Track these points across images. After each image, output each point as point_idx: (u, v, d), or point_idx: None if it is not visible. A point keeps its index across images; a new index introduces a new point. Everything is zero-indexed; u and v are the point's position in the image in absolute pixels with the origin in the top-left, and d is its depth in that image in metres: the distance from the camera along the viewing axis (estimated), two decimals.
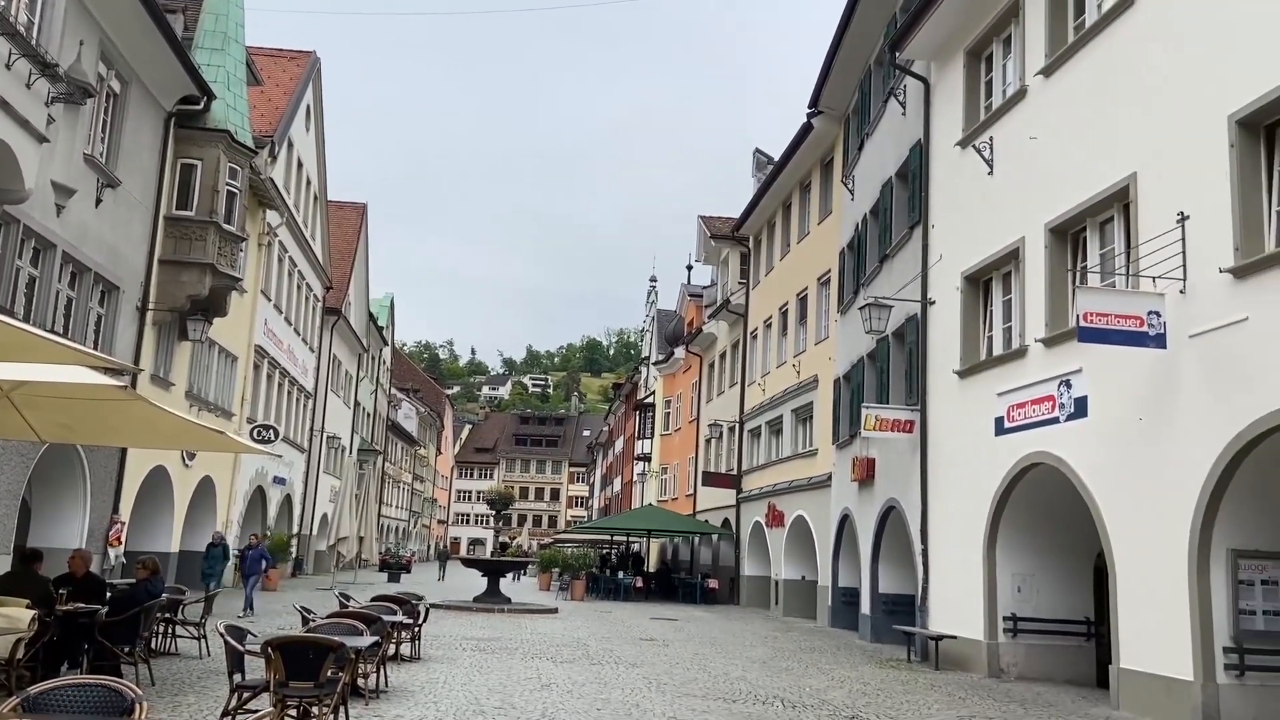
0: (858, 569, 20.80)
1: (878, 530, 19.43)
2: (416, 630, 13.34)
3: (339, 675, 7.83)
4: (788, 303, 29.17)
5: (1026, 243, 14.02)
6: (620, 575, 34.36)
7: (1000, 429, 14.36)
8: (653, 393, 50.77)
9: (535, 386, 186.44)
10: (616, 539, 44.24)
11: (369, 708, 9.49)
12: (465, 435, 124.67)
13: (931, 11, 16.45)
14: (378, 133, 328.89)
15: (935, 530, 16.47)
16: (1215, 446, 10.12)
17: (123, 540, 19.49)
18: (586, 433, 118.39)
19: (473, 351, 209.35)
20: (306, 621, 10.84)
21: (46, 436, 9.57)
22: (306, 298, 34.97)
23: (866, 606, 19.97)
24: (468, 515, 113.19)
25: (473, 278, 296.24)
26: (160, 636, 12.69)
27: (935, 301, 16.97)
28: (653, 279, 58.22)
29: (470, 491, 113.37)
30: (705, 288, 43.20)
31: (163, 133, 20.00)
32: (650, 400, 50.98)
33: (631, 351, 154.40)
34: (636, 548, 44.73)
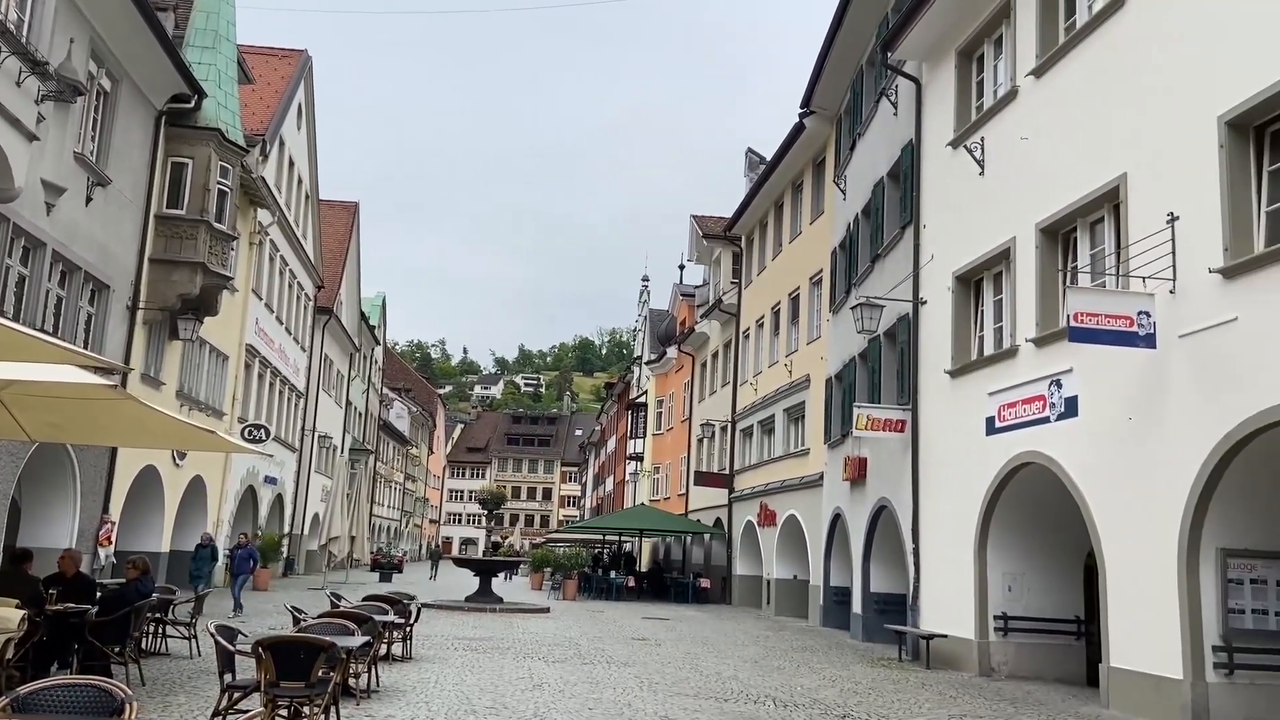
0: (849, 568, 20.84)
1: (869, 530, 19.47)
2: (408, 630, 13.33)
3: (330, 675, 7.82)
4: (780, 302, 29.21)
5: (1017, 243, 14.07)
6: (612, 575, 34.34)
7: (991, 429, 14.41)
8: (645, 392, 50.78)
9: (527, 386, 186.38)
10: (609, 538, 44.24)
11: (360, 707, 9.48)
12: (457, 435, 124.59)
13: (923, 12, 16.50)
14: (369, 131, 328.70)
15: (926, 530, 16.51)
16: (1205, 446, 10.17)
17: (113, 540, 19.42)
18: (579, 432, 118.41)
19: (465, 351, 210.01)
20: (297, 621, 10.82)
21: (36, 436, 9.54)
22: (298, 297, 34.90)
23: (858, 606, 20.02)
24: (460, 515, 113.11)
25: (465, 277, 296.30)
26: (150, 636, 12.66)
27: (927, 301, 17.01)
28: (645, 278, 58.20)
29: (462, 491, 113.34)
30: (697, 287, 43.22)
31: (153, 131, 19.93)
32: (642, 400, 50.99)
33: (624, 351, 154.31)
34: (629, 547, 44.73)
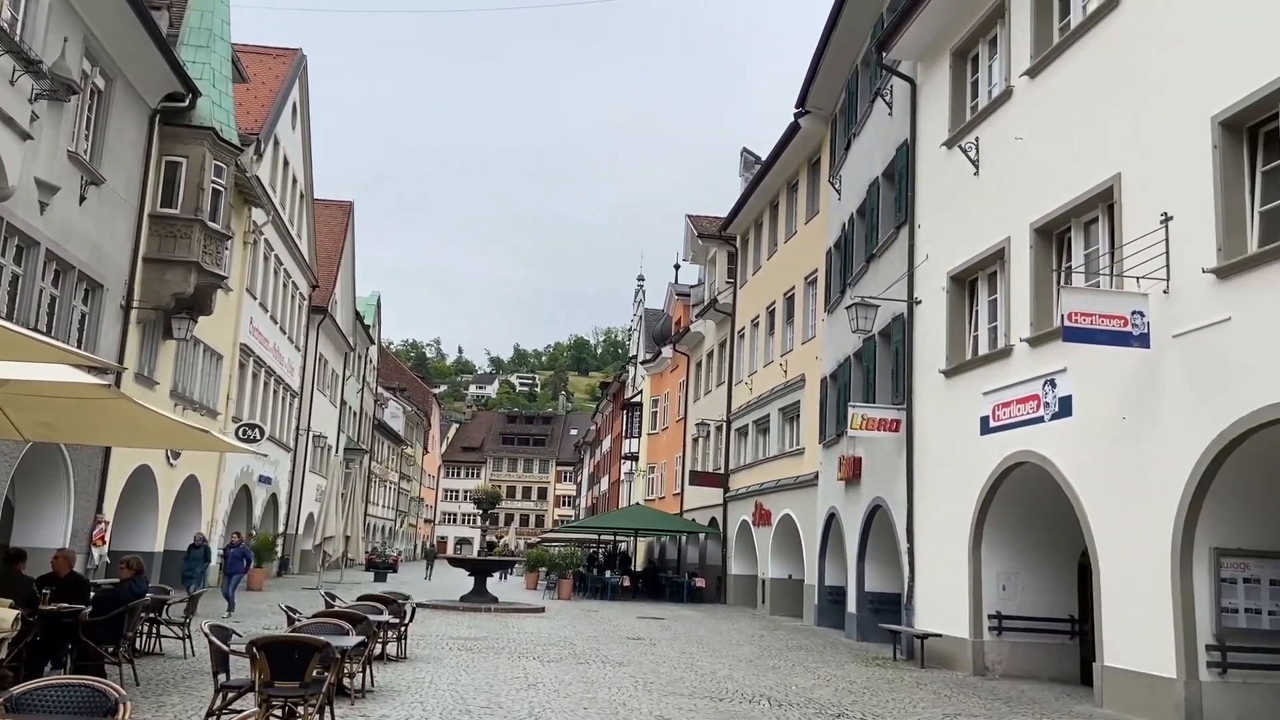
0: (844, 568, 20.86)
1: (864, 529, 19.49)
2: (403, 630, 13.32)
3: (324, 675, 7.81)
4: (775, 302, 29.23)
5: (1012, 243, 14.09)
6: (607, 574, 34.36)
7: (985, 428, 14.43)
8: (640, 392, 50.78)
9: (522, 385, 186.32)
10: (604, 538, 44.24)
11: (355, 707, 9.47)
12: (452, 434, 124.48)
13: (918, 12, 16.52)
14: (364, 131, 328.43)
15: (921, 529, 16.53)
16: (1198, 446, 10.20)
17: (106, 540, 19.38)
18: (574, 432, 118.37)
19: (460, 350, 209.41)
20: (292, 621, 10.80)
21: (29, 435, 9.52)
22: (292, 296, 34.84)
23: (853, 605, 20.04)
24: (454, 514, 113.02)
25: (460, 277, 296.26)
26: (144, 636, 12.63)
27: (921, 301, 17.03)
28: (640, 278, 58.19)
29: (457, 490, 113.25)
30: (693, 287, 43.23)
31: (147, 130, 19.88)
32: (638, 399, 51.00)
33: (619, 350, 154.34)
34: (624, 547, 44.73)
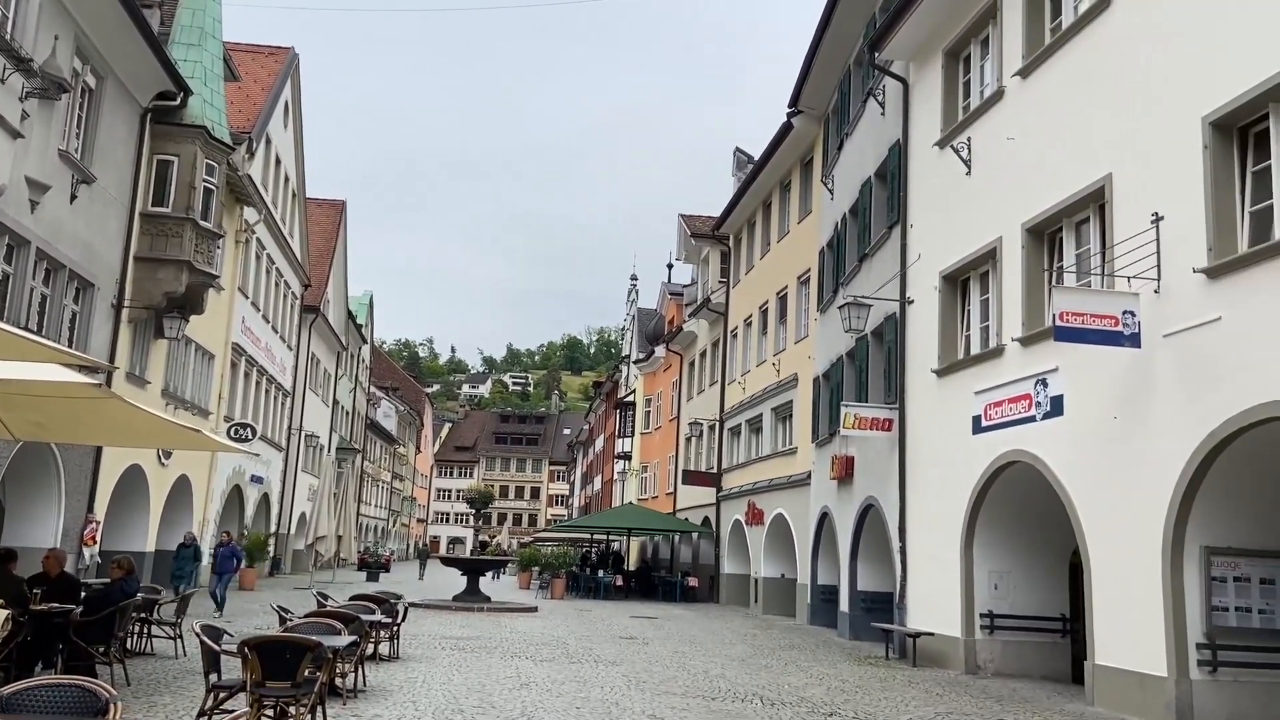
0: (837, 567, 20.89)
1: (856, 528, 19.52)
2: (395, 629, 13.30)
3: (316, 675, 7.79)
4: (768, 301, 29.25)
5: (1004, 243, 14.13)
6: (600, 574, 34.35)
7: (978, 427, 14.47)
8: (633, 391, 50.77)
9: (515, 385, 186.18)
10: (596, 537, 44.23)
11: (347, 707, 9.46)
12: (445, 434, 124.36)
13: (910, 12, 16.54)
14: (356, 130, 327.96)
15: (913, 528, 16.56)
16: (1189, 445, 10.24)
17: (97, 539, 19.31)
18: (567, 431, 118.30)
19: (452, 350, 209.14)
20: (284, 621, 10.79)
21: (20, 435, 9.49)
22: (284, 295, 34.74)
23: (845, 604, 20.07)
24: (447, 514, 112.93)
25: (453, 276, 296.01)
26: (135, 636, 12.59)
27: (914, 301, 17.06)
28: (633, 277, 58.54)
29: (450, 490, 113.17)
30: (686, 286, 43.25)
31: (139, 128, 19.80)
32: (631, 399, 50.98)
33: (612, 350, 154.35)
34: (616, 546, 44.72)
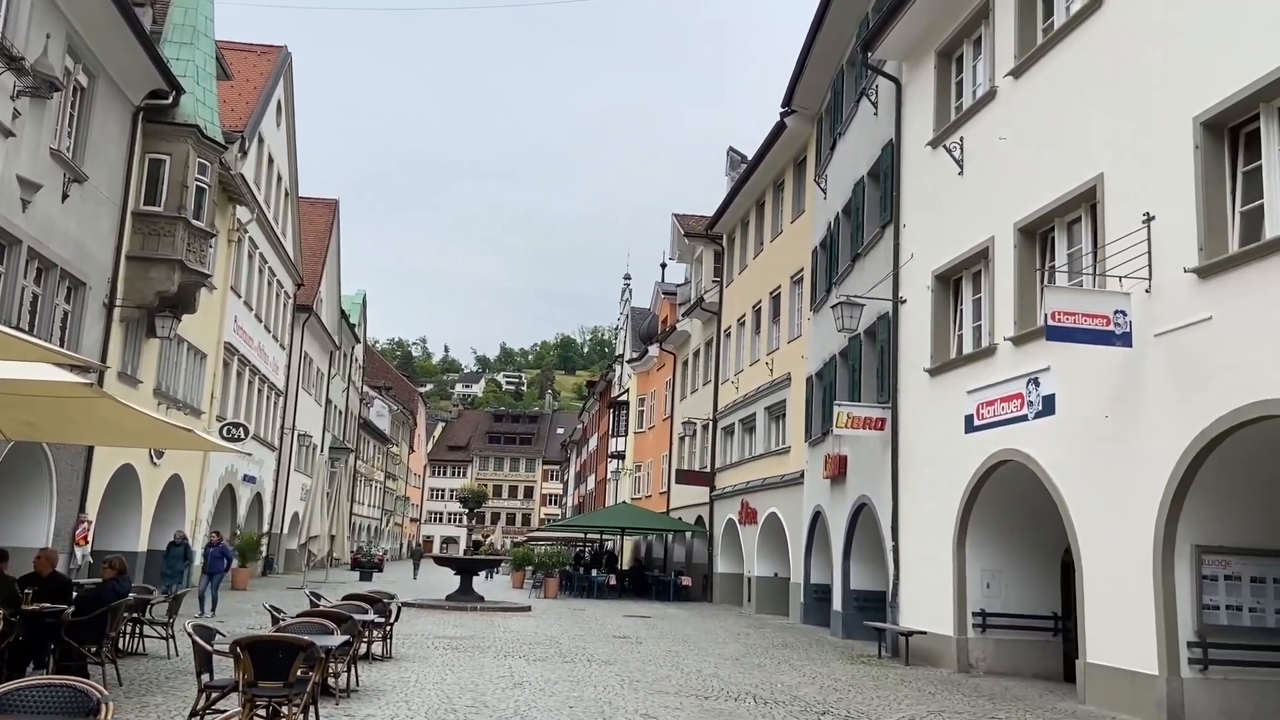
0: (830, 566, 20.92)
1: (849, 527, 19.56)
2: (388, 629, 13.29)
3: (309, 675, 7.78)
4: (761, 301, 29.28)
5: (996, 242, 14.16)
6: (594, 573, 34.35)
7: (970, 426, 14.50)
8: (627, 390, 50.80)
9: (509, 384, 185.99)
10: (590, 537, 44.22)
11: (340, 707, 9.45)
12: (438, 433, 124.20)
13: (903, 12, 16.57)
14: (349, 129, 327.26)
15: (906, 527, 16.60)
16: (1180, 444, 10.27)
17: (89, 539, 19.24)
18: (560, 430, 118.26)
19: (446, 349, 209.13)
20: (276, 621, 10.77)
21: (11, 434, 9.46)
22: (277, 294, 34.68)
23: (838, 603, 20.10)
24: (441, 513, 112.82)
25: (446, 275, 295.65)
26: (127, 636, 12.57)
27: (906, 300, 17.09)
28: (627, 276, 58.23)
29: (443, 489, 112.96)
30: (679, 285, 43.25)
31: (130, 127, 19.74)
32: (624, 398, 51.01)
33: (606, 349, 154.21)
34: (610, 545, 44.74)
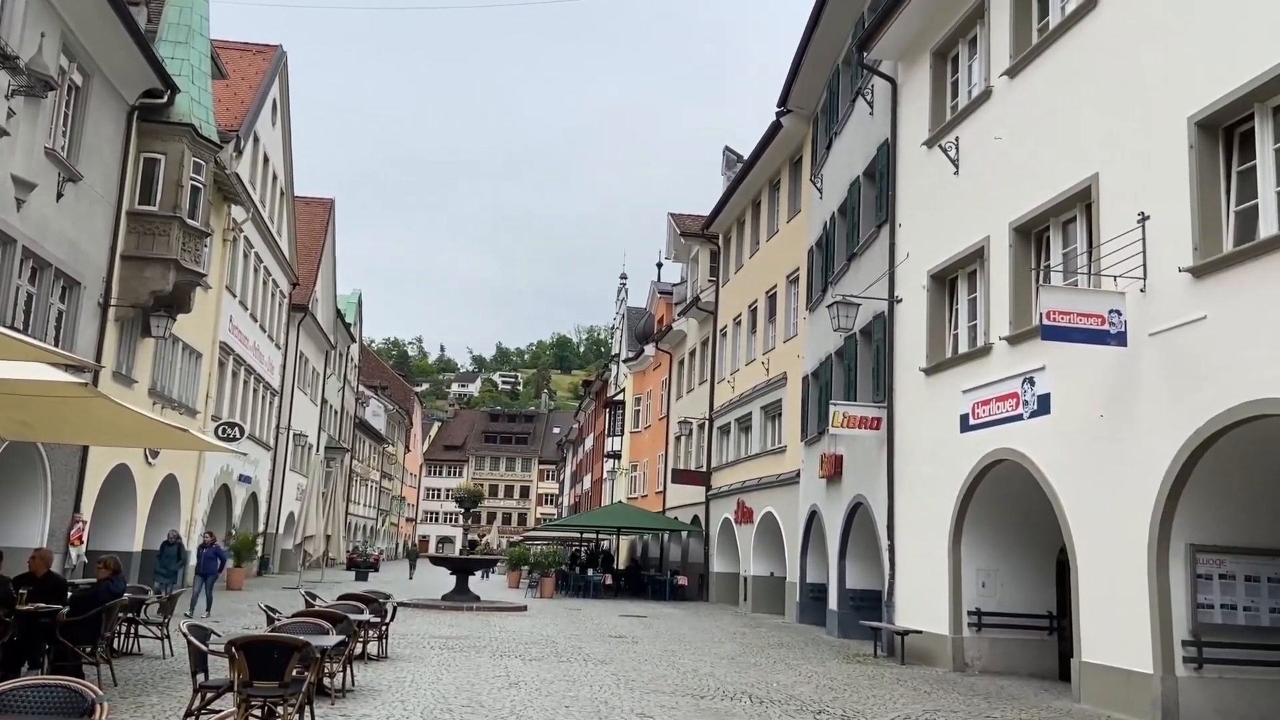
0: (825, 565, 20.94)
1: (845, 526, 19.57)
2: (384, 629, 13.28)
3: (304, 675, 7.77)
4: (757, 300, 29.29)
5: (991, 242, 14.18)
6: (590, 573, 34.35)
7: (965, 426, 14.52)
8: (623, 390, 50.79)
9: (505, 384, 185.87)
10: (586, 536, 44.23)
11: (335, 707, 9.43)
12: (434, 433, 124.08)
13: (898, 12, 16.59)
14: (345, 128, 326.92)
15: (901, 526, 16.61)
16: (1174, 443, 10.29)
17: (84, 539, 19.21)
18: (556, 430, 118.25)
19: (442, 349, 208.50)
20: (271, 620, 10.76)
21: (6, 434, 9.45)
22: (273, 294, 34.63)
23: (834, 602, 20.12)
24: (436, 513, 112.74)
25: (442, 275, 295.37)
26: (122, 636, 12.54)
27: (902, 300, 17.11)
28: (623, 276, 58.22)
29: (439, 489, 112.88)
30: (675, 285, 43.25)
31: (125, 126, 19.71)
32: (620, 397, 51.00)
33: (601, 349, 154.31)
34: (606, 545, 44.73)
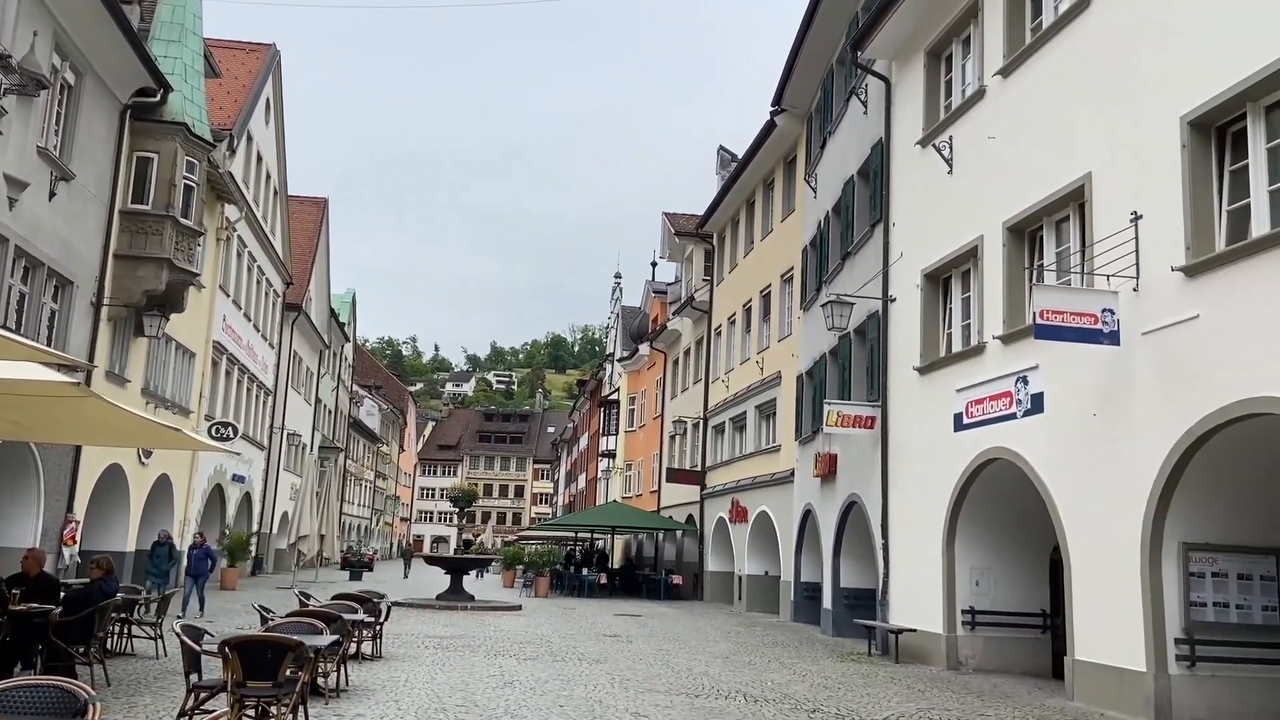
0: (820, 564, 20.97)
1: (839, 525, 19.59)
2: (378, 628, 13.27)
3: (298, 674, 7.77)
4: (751, 299, 29.31)
5: (985, 241, 14.20)
6: (584, 572, 34.36)
7: (959, 425, 14.54)
8: (617, 389, 50.77)
9: (499, 383, 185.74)
10: (581, 536, 44.22)
11: (329, 707, 9.43)
12: (428, 432, 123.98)
13: (892, 11, 16.60)
14: (339, 127, 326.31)
15: (895, 525, 16.63)
16: (1167, 442, 10.32)
17: (77, 539, 19.16)
18: (551, 429, 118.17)
19: (436, 348, 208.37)
20: (265, 620, 10.75)
21: None
22: (266, 293, 34.56)
23: (828, 601, 20.14)
24: (431, 513, 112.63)
25: (436, 274, 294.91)
26: (115, 637, 12.51)
27: (896, 299, 17.13)
28: (618, 275, 58.45)
29: (434, 489, 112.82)
30: (670, 284, 43.27)
31: (118, 125, 19.65)
32: (615, 397, 50.98)
33: (596, 348, 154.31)
34: (601, 544, 44.73)
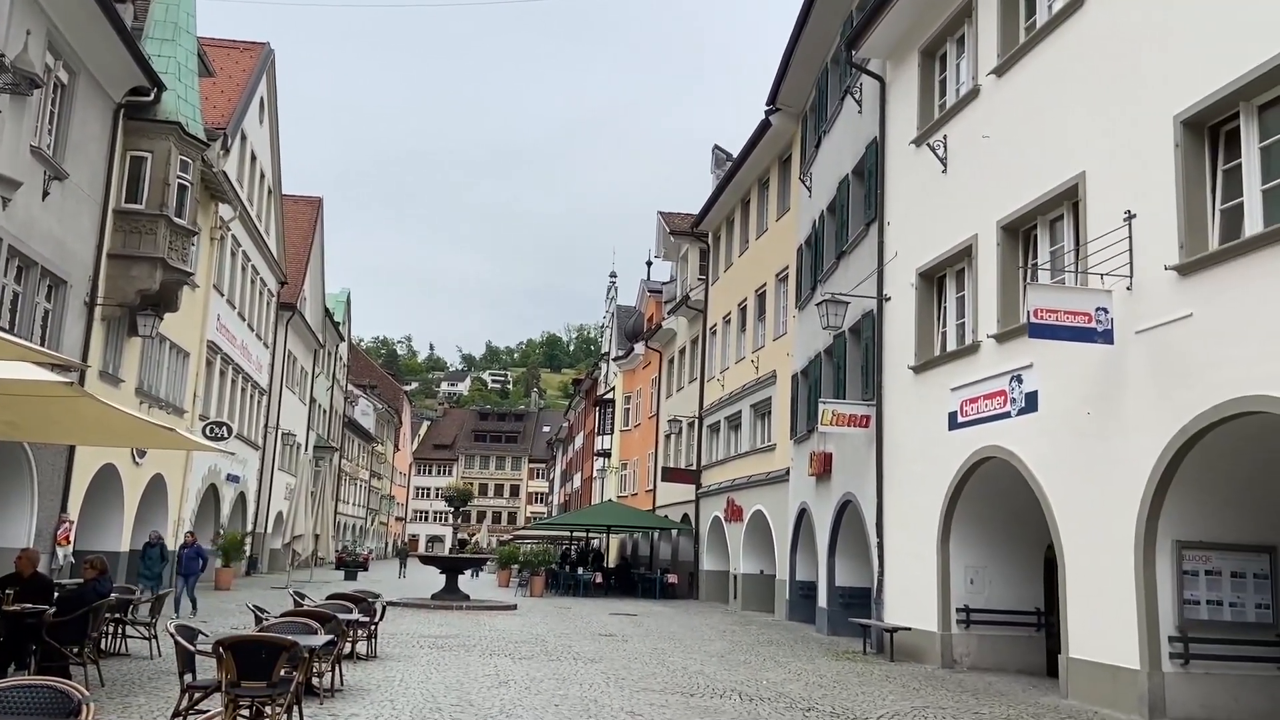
0: (815, 563, 20.99)
1: (834, 524, 19.61)
2: (373, 628, 13.25)
3: (292, 674, 7.76)
4: (746, 299, 29.32)
5: (979, 240, 14.22)
6: (580, 571, 34.35)
7: (954, 423, 14.57)
8: (613, 388, 50.78)
9: (494, 382, 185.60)
10: (576, 535, 44.22)
11: (324, 707, 9.42)
12: (424, 432, 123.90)
13: (886, 11, 16.62)
14: (333, 126, 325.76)
15: (890, 524, 16.66)
16: (1161, 440, 10.35)
17: (71, 539, 19.11)
18: (546, 429, 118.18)
19: (431, 347, 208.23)
20: (259, 620, 10.73)
21: None
22: (261, 293, 34.51)
23: (823, 600, 20.16)
24: (426, 512, 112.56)
25: (431, 273, 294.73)
26: (109, 637, 12.50)
27: (891, 298, 17.15)
28: (613, 275, 58.17)
29: (429, 488, 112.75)
30: (665, 284, 43.27)
31: (111, 124, 19.60)
32: (610, 396, 50.99)
33: (591, 347, 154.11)
34: (596, 544, 44.74)
